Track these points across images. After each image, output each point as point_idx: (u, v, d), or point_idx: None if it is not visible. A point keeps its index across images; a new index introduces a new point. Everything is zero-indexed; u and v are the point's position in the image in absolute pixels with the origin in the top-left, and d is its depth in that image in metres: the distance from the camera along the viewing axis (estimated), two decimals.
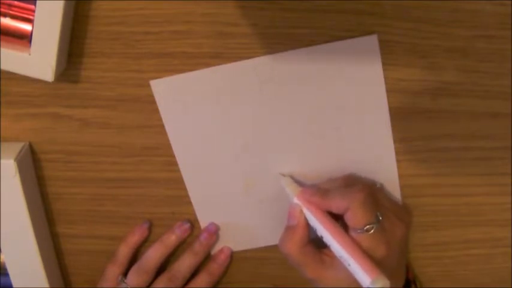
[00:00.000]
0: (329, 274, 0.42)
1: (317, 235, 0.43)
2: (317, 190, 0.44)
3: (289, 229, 0.44)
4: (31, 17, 0.40)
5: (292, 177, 0.47)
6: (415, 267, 0.51)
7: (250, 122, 0.46)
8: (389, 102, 0.44)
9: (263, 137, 0.46)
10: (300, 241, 0.43)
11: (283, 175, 0.47)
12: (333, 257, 0.42)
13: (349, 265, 0.40)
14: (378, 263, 0.40)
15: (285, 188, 0.46)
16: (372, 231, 0.41)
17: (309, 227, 0.43)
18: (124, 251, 0.50)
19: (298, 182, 0.47)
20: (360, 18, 0.41)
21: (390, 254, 0.41)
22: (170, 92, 0.45)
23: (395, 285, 0.44)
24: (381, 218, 0.41)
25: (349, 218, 0.41)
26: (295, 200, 0.44)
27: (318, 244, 0.44)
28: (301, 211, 0.43)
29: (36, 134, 0.47)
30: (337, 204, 0.42)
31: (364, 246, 0.41)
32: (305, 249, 0.43)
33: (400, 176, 0.47)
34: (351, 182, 0.45)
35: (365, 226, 0.40)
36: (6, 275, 0.48)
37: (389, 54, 0.43)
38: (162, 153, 0.47)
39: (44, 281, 0.48)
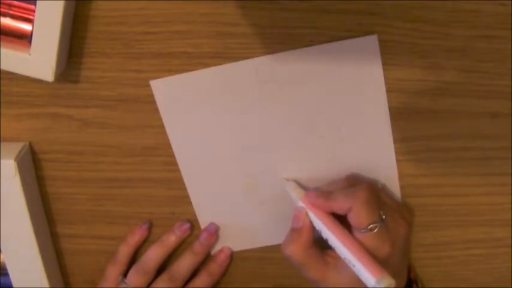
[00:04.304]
0: (333, 275, 0.42)
1: (321, 237, 0.43)
2: (320, 192, 0.44)
3: (293, 232, 0.44)
4: (31, 17, 0.40)
5: (296, 181, 0.47)
6: (415, 267, 0.51)
7: (250, 122, 0.46)
8: (389, 102, 0.44)
9: (263, 137, 0.46)
10: (305, 243, 0.43)
11: (287, 180, 0.47)
12: (336, 258, 0.42)
13: (353, 266, 0.40)
14: (382, 262, 0.40)
15: (290, 193, 0.46)
16: (376, 230, 0.41)
17: (313, 229, 0.43)
18: (124, 251, 0.50)
19: (302, 186, 0.47)
20: (360, 18, 0.41)
21: (394, 253, 0.41)
22: (170, 92, 0.45)
23: (398, 284, 0.44)
24: (384, 217, 0.41)
25: (353, 218, 0.41)
26: (300, 203, 0.44)
27: (321, 246, 0.44)
28: (306, 214, 0.43)
29: (36, 134, 0.47)
30: (340, 204, 0.42)
31: (369, 246, 0.41)
32: (309, 251, 0.43)
33: (400, 176, 0.47)
34: (354, 182, 0.45)
35: (369, 225, 0.40)
36: (6, 275, 0.48)
37: (389, 54, 0.43)
38: (162, 153, 0.47)
39: (44, 281, 0.48)
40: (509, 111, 0.44)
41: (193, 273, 0.51)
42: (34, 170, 0.48)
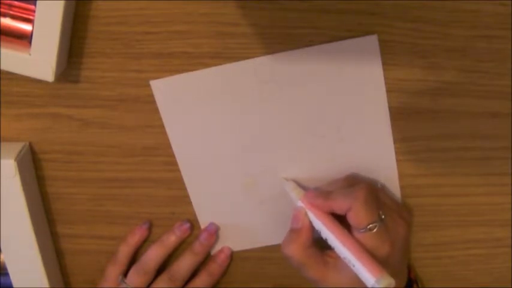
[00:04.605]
0: (332, 275, 0.42)
1: (320, 237, 0.43)
2: (320, 192, 0.44)
3: (293, 232, 0.44)
4: (31, 17, 0.40)
5: (295, 181, 0.47)
6: (415, 267, 0.51)
7: (250, 122, 0.46)
8: (389, 102, 0.44)
9: (263, 137, 0.46)
10: (304, 243, 0.43)
11: (287, 179, 0.47)
12: (336, 258, 0.42)
13: (353, 266, 0.40)
14: (382, 262, 0.40)
15: (289, 193, 0.46)
16: (375, 230, 0.41)
17: (313, 229, 0.43)
18: (124, 251, 0.50)
19: (302, 186, 0.47)
20: (360, 18, 0.41)
21: (394, 253, 0.41)
22: (170, 92, 0.45)
23: (398, 284, 0.44)
24: (383, 217, 0.41)
25: (352, 218, 0.41)
26: (299, 203, 0.44)
27: (321, 246, 0.44)
28: (306, 214, 0.43)
29: (36, 134, 0.47)
30: (339, 204, 0.42)
31: (368, 246, 0.41)
32: (309, 251, 0.43)
33: (400, 176, 0.47)
34: (353, 182, 0.45)
35: (368, 225, 0.40)
36: (6, 275, 0.48)
37: (389, 54, 0.43)
38: (162, 153, 0.47)
39: (44, 281, 0.48)
40: (509, 111, 0.44)
41: (193, 273, 0.51)
42: (34, 170, 0.48)
